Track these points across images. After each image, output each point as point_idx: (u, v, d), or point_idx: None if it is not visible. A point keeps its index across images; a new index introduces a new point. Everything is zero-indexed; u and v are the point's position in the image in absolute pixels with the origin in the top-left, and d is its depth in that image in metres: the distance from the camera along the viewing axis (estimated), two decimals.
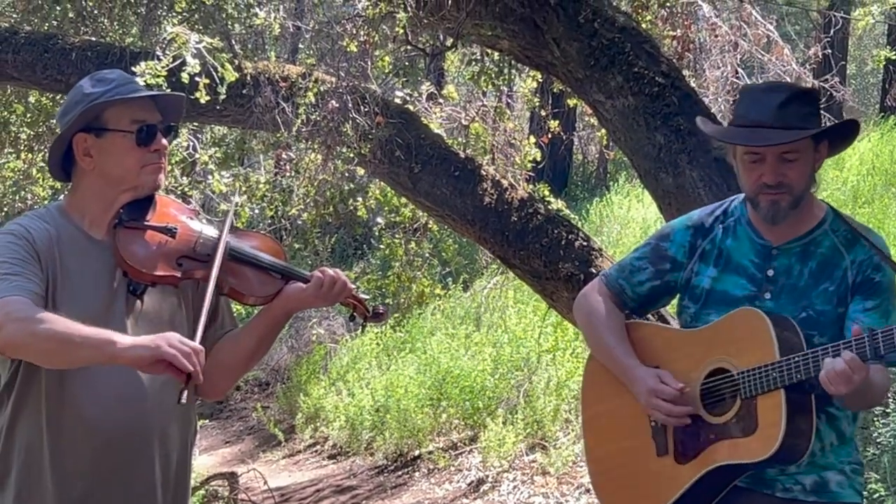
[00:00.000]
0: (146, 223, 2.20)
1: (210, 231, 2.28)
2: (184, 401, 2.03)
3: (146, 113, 2.23)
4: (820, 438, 2.20)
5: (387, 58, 5.53)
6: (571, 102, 5.91)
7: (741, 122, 2.29)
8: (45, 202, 6.40)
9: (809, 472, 2.22)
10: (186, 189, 5.74)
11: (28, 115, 6.35)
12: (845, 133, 2.36)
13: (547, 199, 4.94)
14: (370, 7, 4.98)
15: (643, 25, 4.95)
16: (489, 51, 5.24)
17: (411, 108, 5.34)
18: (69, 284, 2.15)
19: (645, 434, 2.33)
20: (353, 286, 2.31)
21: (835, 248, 2.25)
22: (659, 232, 2.51)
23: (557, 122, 6.21)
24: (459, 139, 5.57)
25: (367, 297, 2.36)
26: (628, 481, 2.39)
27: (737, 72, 6.28)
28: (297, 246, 6.06)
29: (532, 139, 5.97)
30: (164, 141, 2.25)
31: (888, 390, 2.21)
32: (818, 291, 2.21)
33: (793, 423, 2.12)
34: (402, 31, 4.92)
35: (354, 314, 2.35)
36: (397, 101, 5.19)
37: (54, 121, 6.47)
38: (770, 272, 2.28)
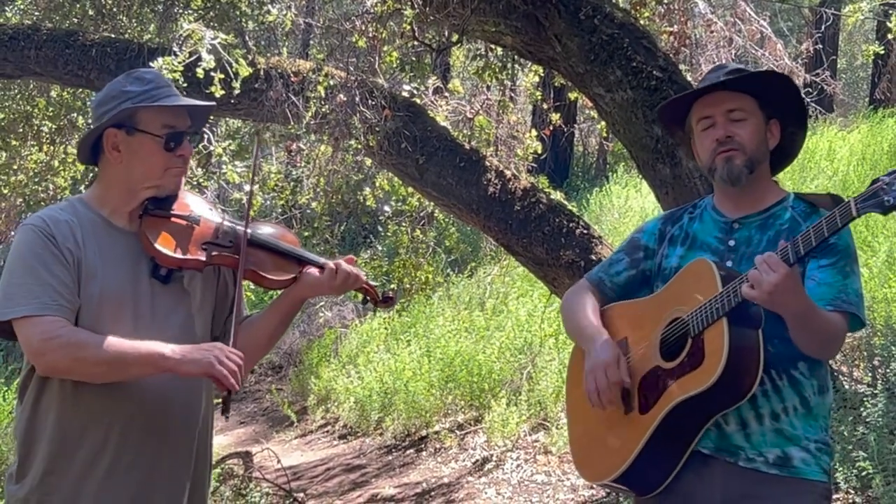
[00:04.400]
0: (171, 212, 2.33)
1: (229, 220, 2.41)
2: (228, 414, 2.17)
3: (178, 119, 2.29)
4: (781, 398, 2.26)
5: (394, 53, 5.64)
6: (572, 96, 5.96)
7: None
8: (66, 192, 6.51)
9: (774, 445, 2.24)
10: (202, 180, 5.87)
11: (50, 109, 6.48)
12: (793, 109, 2.39)
13: (546, 189, 5.07)
14: (378, 4, 5.11)
15: (641, 22, 5.06)
16: (493, 46, 5.35)
17: (418, 101, 5.46)
18: (91, 267, 2.22)
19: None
20: (364, 275, 2.44)
21: (794, 220, 2.31)
22: (636, 227, 2.64)
23: (559, 115, 6.29)
24: (464, 131, 5.70)
25: (375, 283, 2.52)
26: (600, 446, 2.43)
27: None
28: (306, 234, 6.13)
29: (534, 132, 6.10)
30: (191, 148, 2.34)
31: (839, 339, 2.23)
32: None
33: (736, 352, 2.12)
34: (408, 27, 5.05)
35: (367, 298, 2.51)
36: (404, 94, 5.32)
37: (75, 114, 6.61)
38: (731, 242, 2.35)
